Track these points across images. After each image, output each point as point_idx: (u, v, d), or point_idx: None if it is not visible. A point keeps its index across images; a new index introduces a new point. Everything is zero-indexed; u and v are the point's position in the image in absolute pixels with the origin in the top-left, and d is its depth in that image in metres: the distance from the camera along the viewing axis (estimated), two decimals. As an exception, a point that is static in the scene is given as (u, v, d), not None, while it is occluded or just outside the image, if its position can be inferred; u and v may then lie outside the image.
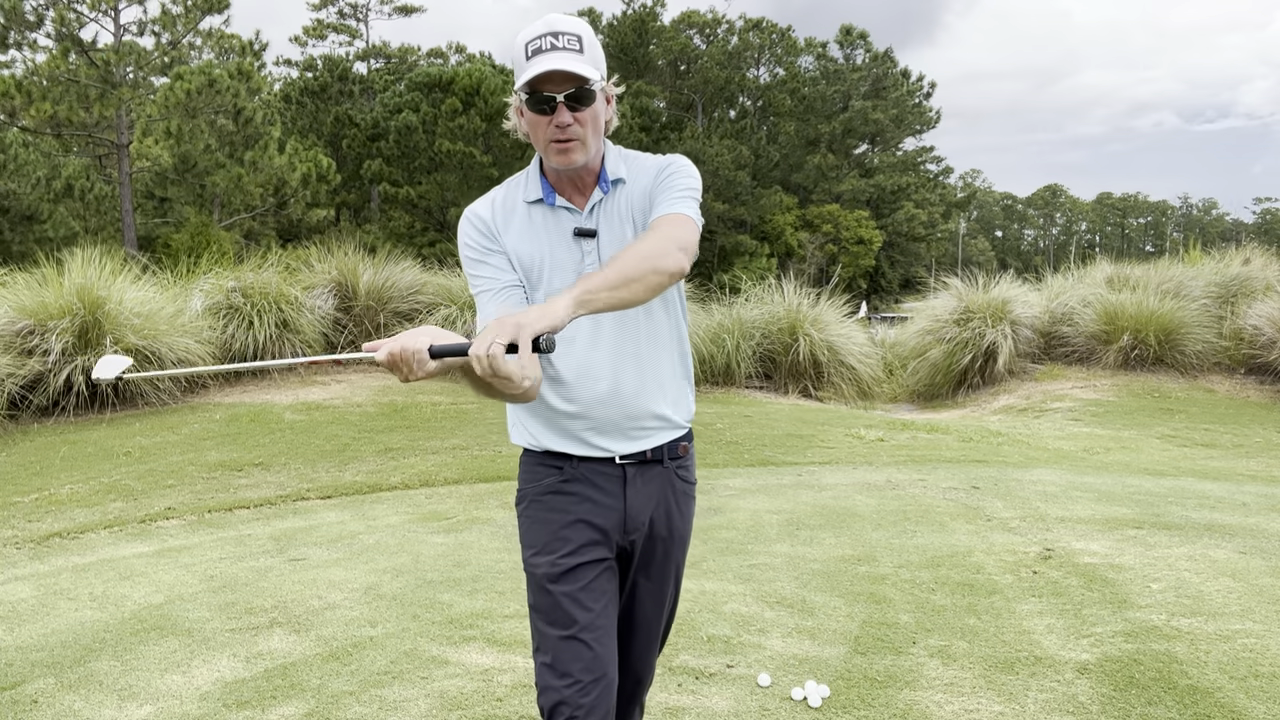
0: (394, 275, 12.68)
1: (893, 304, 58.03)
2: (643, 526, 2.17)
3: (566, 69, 1.92)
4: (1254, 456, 8.84)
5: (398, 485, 6.98)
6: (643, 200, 2.08)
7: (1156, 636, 3.73)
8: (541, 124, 1.99)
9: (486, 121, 39.98)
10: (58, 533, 5.81)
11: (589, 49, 1.98)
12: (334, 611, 4.24)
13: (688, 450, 2.24)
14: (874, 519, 5.68)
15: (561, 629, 2.04)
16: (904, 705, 3.22)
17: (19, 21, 28.34)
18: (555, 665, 2.03)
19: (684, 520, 2.25)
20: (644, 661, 2.31)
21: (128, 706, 3.36)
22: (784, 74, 66.59)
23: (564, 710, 2.00)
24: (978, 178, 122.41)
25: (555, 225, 2.09)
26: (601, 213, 2.09)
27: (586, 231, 2.07)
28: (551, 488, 2.13)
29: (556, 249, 2.08)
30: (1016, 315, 14.07)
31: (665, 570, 2.25)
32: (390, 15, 57.43)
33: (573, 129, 1.97)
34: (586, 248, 2.08)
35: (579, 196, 2.10)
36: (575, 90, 1.95)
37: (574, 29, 1.98)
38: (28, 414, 9.39)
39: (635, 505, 2.15)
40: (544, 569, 2.08)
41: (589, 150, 2.02)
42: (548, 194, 2.09)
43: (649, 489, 2.16)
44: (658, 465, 2.17)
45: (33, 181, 30.63)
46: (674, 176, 2.07)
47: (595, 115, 2.00)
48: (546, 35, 1.96)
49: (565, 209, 2.09)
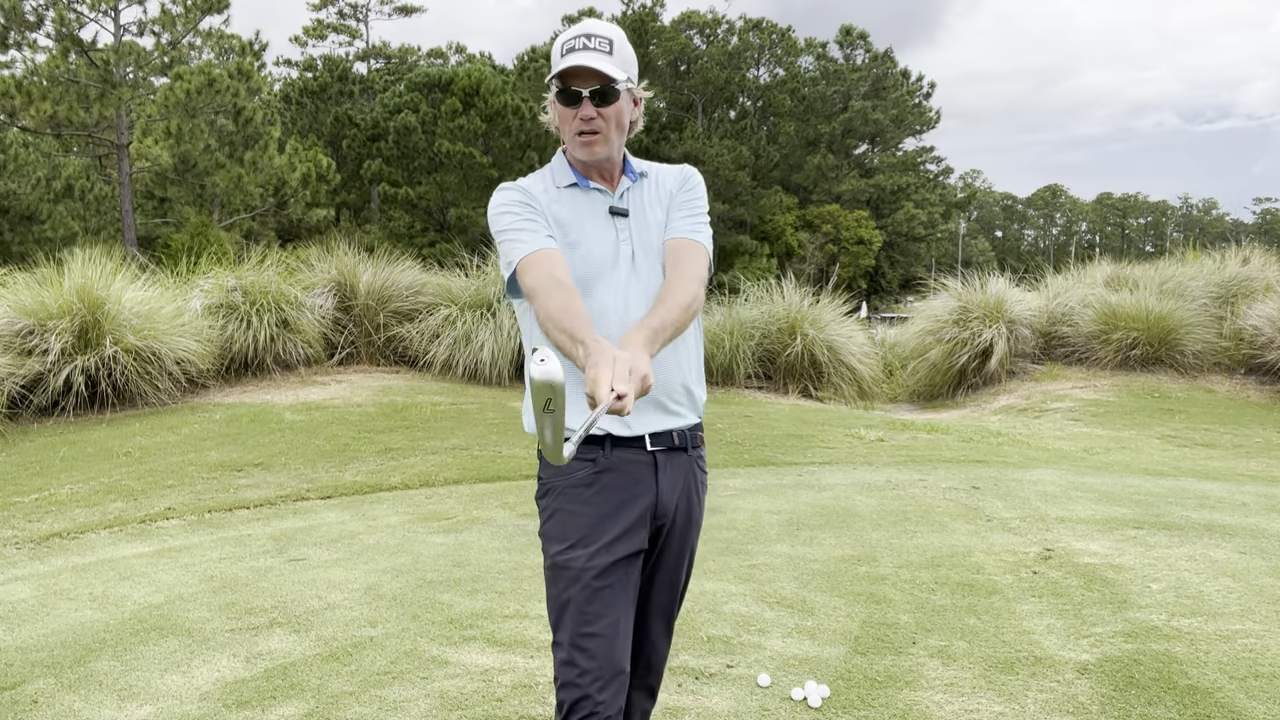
0: (394, 275, 12.68)
1: (893, 304, 58.05)
2: (669, 514, 2.22)
3: (593, 66, 2.08)
4: (1254, 456, 8.84)
5: (398, 485, 6.97)
6: (668, 198, 2.28)
7: (1156, 636, 3.73)
8: (568, 116, 2.16)
9: (486, 122, 39.99)
10: (58, 533, 5.81)
11: (619, 52, 2.15)
12: (334, 611, 4.24)
13: (703, 441, 2.35)
14: (874, 519, 5.68)
15: (589, 625, 2.06)
16: (904, 705, 3.22)
17: (19, 21, 28.34)
18: (577, 661, 2.05)
19: (701, 508, 2.34)
20: (659, 646, 2.35)
21: (128, 706, 3.36)
22: (784, 74, 66.60)
23: (585, 705, 2.02)
24: (978, 178, 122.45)
25: (590, 204, 2.24)
26: (631, 197, 2.26)
27: (620, 210, 2.23)
28: (584, 480, 2.13)
29: (594, 226, 2.22)
30: (1014, 315, 14.07)
31: (682, 555, 2.30)
32: (390, 15, 57.49)
33: (596, 122, 2.13)
34: (620, 225, 2.23)
35: (608, 182, 2.26)
36: (601, 87, 2.11)
37: (607, 33, 2.16)
38: (28, 414, 9.39)
39: (665, 492, 2.20)
40: (581, 562, 2.08)
41: (611, 146, 2.17)
42: (580, 179, 2.24)
43: (676, 476, 2.22)
44: (683, 453, 2.24)
45: (33, 181, 30.64)
46: (695, 197, 2.28)
47: (619, 112, 2.16)
48: (580, 36, 2.15)
49: (598, 190, 2.24)
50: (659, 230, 2.25)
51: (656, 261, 2.22)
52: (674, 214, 2.26)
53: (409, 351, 12.22)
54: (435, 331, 12.00)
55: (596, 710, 2.01)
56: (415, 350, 12.10)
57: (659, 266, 2.22)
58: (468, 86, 40.56)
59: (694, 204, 2.27)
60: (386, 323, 12.27)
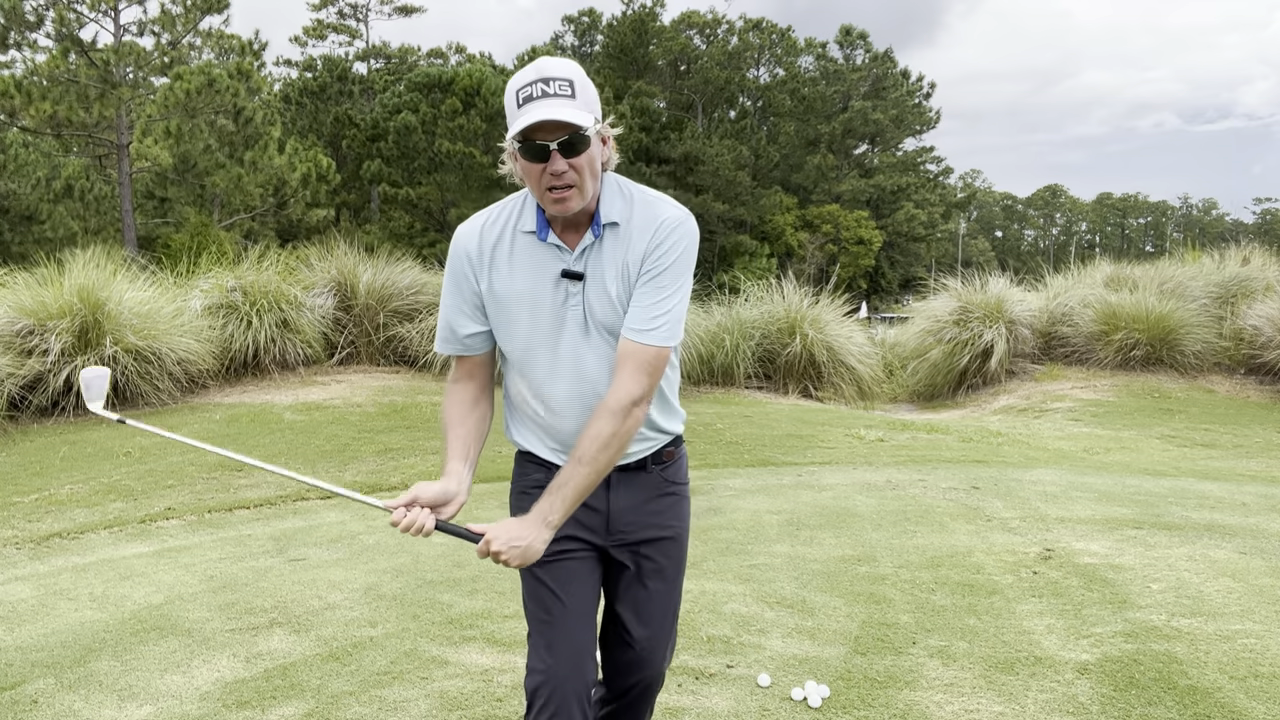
0: (394, 275, 12.67)
1: (893, 304, 58.04)
2: (631, 529, 2.23)
3: (558, 118, 1.91)
4: (1254, 456, 8.84)
5: (398, 485, 6.98)
6: (636, 264, 2.07)
7: (1156, 636, 3.73)
8: (535, 171, 1.99)
9: (486, 122, 39.99)
10: (58, 533, 5.81)
11: (581, 93, 1.97)
12: (334, 611, 4.24)
13: (674, 455, 2.29)
14: (874, 519, 5.68)
15: (544, 614, 2.16)
16: (904, 705, 3.22)
17: (19, 21, 28.34)
18: (537, 649, 2.15)
19: (677, 517, 2.31)
20: (652, 659, 2.35)
21: (128, 706, 3.36)
22: (784, 74, 66.64)
23: (544, 692, 2.10)
24: (978, 178, 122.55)
25: (542, 262, 2.09)
26: (590, 257, 2.08)
27: (574, 274, 2.07)
28: (538, 483, 2.18)
29: (541, 287, 2.10)
30: (1014, 315, 14.07)
31: (664, 568, 2.30)
32: (390, 15, 57.50)
33: (568, 175, 1.97)
34: (571, 289, 2.08)
35: (572, 234, 2.09)
36: (569, 137, 1.94)
37: (565, 73, 1.97)
38: (28, 414, 9.39)
39: (619, 509, 2.21)
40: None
41: (586, 196, 2.01)
42: (541, 228, 2.08)
43: (632, 493, 2.22)
44: (641, 471, 2.23)
45: (33, 181, 30.65)
46: (664, 264, 2.05)
47: (591, 159, 1.99)
48: (537, 82, 1.96)
49: (556, 246, 2.08)
50: (614, 306, 2.08)
51: (608, 328, 2.09)
52: (637, 291, 2.06)
53: (409, 351, 12.22)
54: (435, 331, 11.99)
55: (553, 697, 2.09)
56: (415, 350, 12.09)
57: (612, 334, 2.10)
58: (468, 86, 40.58)
59: (660, 280, 2.05)
60: (386, 323, 12.26)
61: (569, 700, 2.09)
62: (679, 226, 2.07)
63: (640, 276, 2.06)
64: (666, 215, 2.08)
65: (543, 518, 2.01)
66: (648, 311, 2.05)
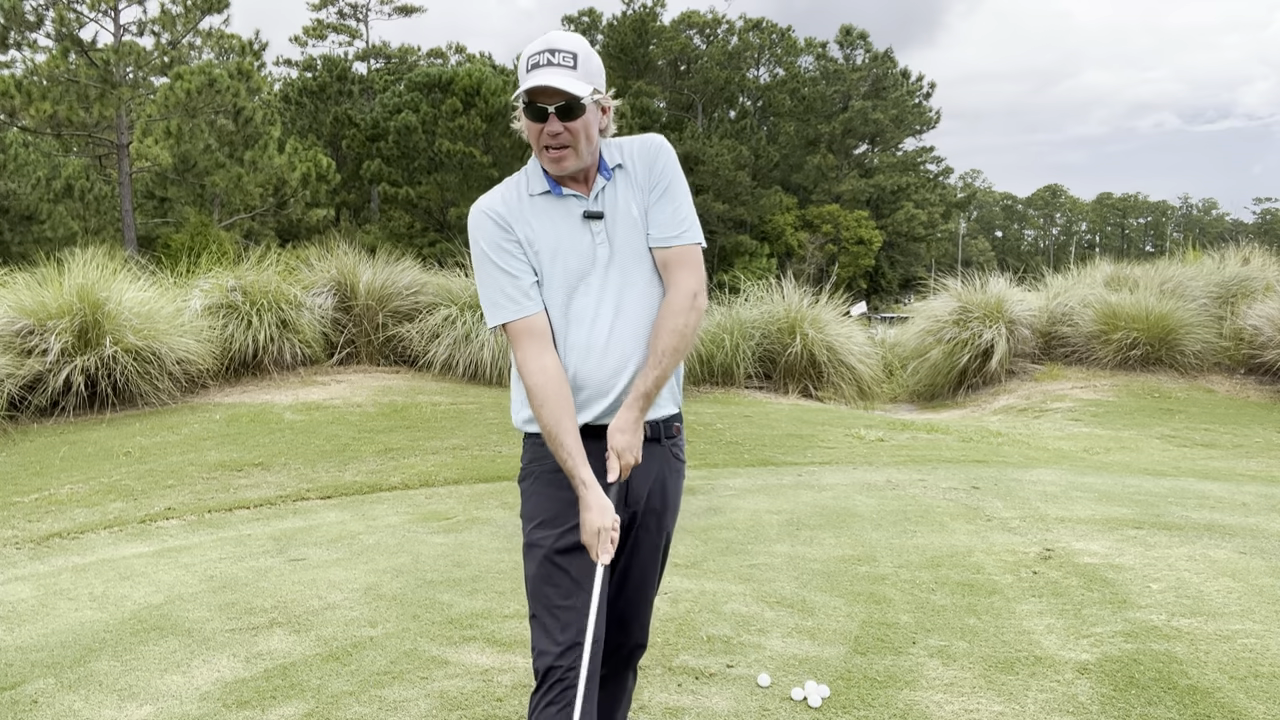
0: (394, 275, 12.67)
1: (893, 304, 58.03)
2: (641, 500, 2.35)
3: (555, 85, 2.14)
4: (1254, 456, 8.84)
5: (398, 485, 6.97)
6: (644, 187, 2.30)
7: (1156, 636, 3.73)
8: (535, 130, 2.22)
9: (487, 122, 39.99)
10: (58, 533, 5.81)
11: (583, 65, 2.20)
12: (334, 611, 4.24)
13: (679, 430, 2.45)
14: (874, 519, 5.68)
15: (559, 599, 2.22)
16: (904, 705, 3.22)
17: (19, 21, 28.33)
18: (549, 632, 2.20)
19: (677, 493, 2.47)
20: (638, 621, 2.47)
21: (128, 706, 3.36)
22: (784, 74, 66.64)
23: (555, 673, 2.16)
24: (978, 178, 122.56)
25: (564, 212, 2.29)
26: (606, 197, 2.29)
27: (595, 214, 2.28)
28: (558, 466, 2.25)
29: (569, 233, 2.28)
30: (1014, 315, 14.07)
31: (658, 538, 2.43)
32: (390, 15, 57.47)
33: (563, 136, 2.19)
34: (596, 229, 2.28)
35: (582, 186, 2.30)
36: (565, 104, 2.16)
37: (571, 46, 2.20)
38: (28, 414, 9.39)
39: (637, 481, 2.33)
40: (550, 541, 2.24)
41: (581, 157, 2.22)
42: (553, 186, 2.28)
43: (648, 465, 2.32)
44: (656, 444, 2.35)
45: (33, 181, 30.63)
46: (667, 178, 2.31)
47: (587, 125, 2.20)
48: (544, 52, 2.19)
49: (573, 196, 2.28)
50: (637, 227, 2.29)
51: (638, 260, 2.30)
52: (653, 211, 2.30)
53: (409, 351, 12.22)
54: (435, 331, 12.00)
55: (564, 678, 2.14)
56: (415, 350, 12.09)
57: (642, 264, 2.30)
58: (468, 86, 40.57)
59: (670, 191, 2.30)
60: (386, 322, 12.26)
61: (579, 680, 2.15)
62: (664, 144, 2.36)
63: (651, 193, 2.30)
64: (652, 138, 2.37)
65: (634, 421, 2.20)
66: (672, 219, 2.30)
